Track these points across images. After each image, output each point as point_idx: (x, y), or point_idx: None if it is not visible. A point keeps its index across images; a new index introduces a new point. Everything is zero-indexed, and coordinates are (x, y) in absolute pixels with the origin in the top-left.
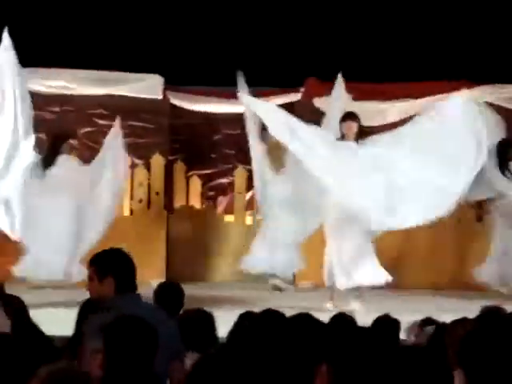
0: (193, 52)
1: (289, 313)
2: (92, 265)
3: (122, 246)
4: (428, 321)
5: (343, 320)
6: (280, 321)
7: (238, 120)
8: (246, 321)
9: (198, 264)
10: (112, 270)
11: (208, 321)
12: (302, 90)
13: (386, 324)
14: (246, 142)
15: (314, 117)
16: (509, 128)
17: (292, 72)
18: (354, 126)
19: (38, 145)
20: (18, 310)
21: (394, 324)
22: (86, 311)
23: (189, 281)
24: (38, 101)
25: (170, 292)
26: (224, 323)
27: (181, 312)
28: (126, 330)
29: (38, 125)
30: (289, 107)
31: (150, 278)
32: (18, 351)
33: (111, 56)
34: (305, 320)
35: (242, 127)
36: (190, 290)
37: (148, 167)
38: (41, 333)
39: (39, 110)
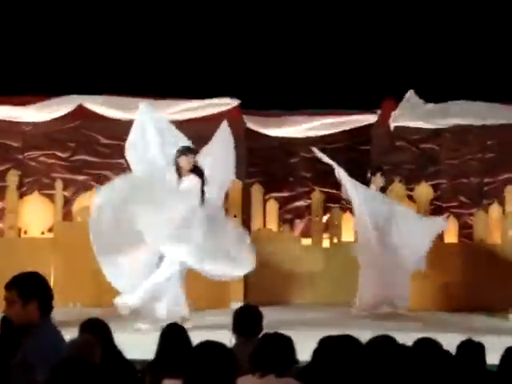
0: (269, 76)
1: None
2: (13, 288)
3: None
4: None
5: (427, 344)
6: (357, 345)
7: (314, 143)
8: (327, 345)
9: (275, 286)
10: (36, 292)
11: (287, 344)
12: (379, 111)
13: (471, 348)
14: (323, 164)
15: (390, 138)
16: None
17: (369, 93)
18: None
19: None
20: (104, 334)
21: (479, 348)
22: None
23: (267, 303)
24: (118, 128)
25: (248, 315)
26: (303, 346)
27: (260, 335)
28: (208, 356)
29: (119, 151)
30: (366, 128)
31: (229, 301)
32: (106, 379)
33: (188, 81)
34: (385, 344)
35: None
36: (268, 312)
37: None
38: (125, 358)
39: (119, 137)
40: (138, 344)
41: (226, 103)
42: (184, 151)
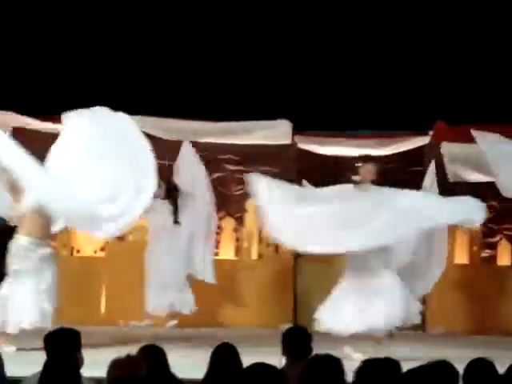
0: (321, 96)
1: None
2: None
3: (250, 289)
4: None
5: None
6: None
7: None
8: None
9: None
10: None
11: (336, 366)
12: (431, 133)
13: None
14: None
15: (442, 159)
16: None
17: (422, 115)
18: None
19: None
20: (156, 356)
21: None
22: None
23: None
24: (159, 148)
25: (298, 336)
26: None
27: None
28: (258, 378)
29: (163, 172)
30: (418, 150)
31: (278, 323)
32: None
33: (242, 104)
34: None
35: None
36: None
37: None
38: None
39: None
40: (188, 363)
41: (278, 125)
42: None
